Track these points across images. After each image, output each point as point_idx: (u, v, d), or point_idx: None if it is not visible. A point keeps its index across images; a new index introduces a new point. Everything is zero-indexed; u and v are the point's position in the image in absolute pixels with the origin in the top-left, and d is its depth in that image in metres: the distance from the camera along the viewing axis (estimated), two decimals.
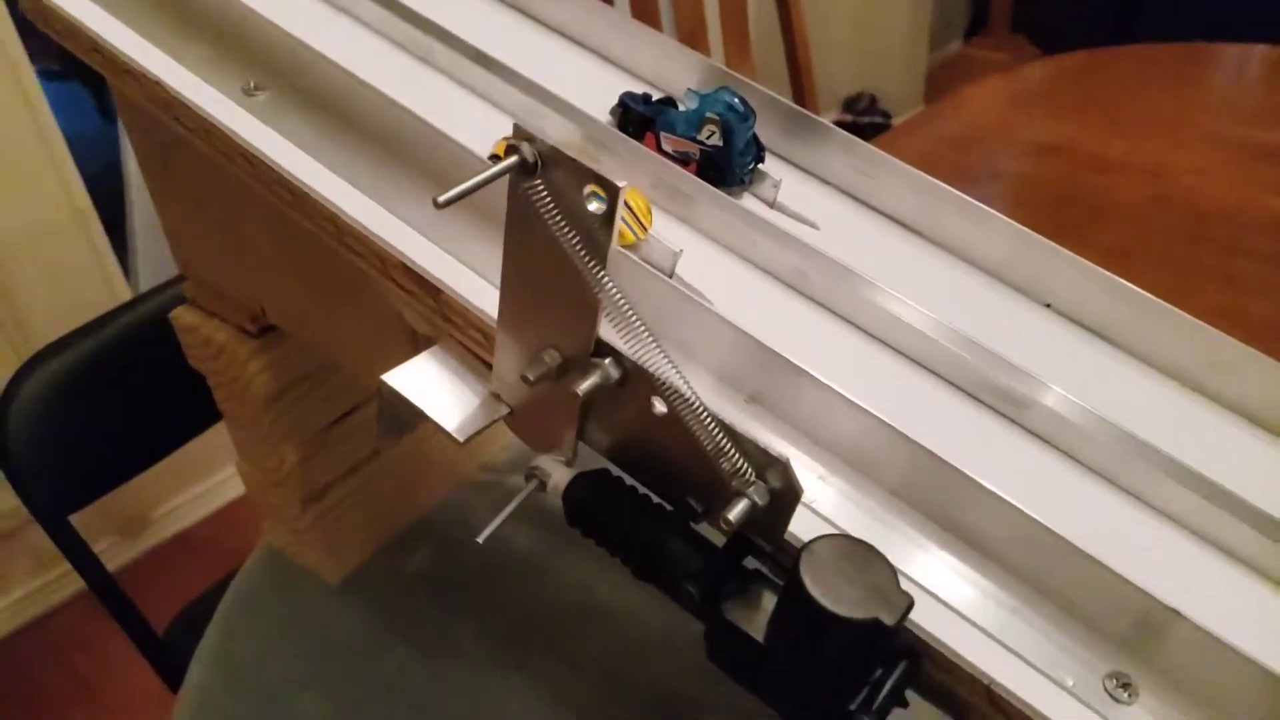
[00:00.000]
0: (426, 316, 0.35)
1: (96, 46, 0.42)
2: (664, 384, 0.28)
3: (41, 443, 0.83)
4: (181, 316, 0.53)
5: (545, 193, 0.27)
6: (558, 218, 0.27)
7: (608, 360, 0.29)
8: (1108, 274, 0.37)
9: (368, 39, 0.45)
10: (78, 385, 0.84)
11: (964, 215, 0.39)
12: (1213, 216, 0.91)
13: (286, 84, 0.40)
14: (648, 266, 0.35)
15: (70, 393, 0.84)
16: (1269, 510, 0.30)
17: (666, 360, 0.27)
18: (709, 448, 0.27)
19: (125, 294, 1.56)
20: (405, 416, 0.34)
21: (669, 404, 0.28)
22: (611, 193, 0.25)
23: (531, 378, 0.30)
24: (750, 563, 0.30)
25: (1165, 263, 0.88)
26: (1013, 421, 0.33)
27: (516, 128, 0.26)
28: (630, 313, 0.27)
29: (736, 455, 0.27)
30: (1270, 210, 0.92)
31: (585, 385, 0.28)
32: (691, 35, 1.35)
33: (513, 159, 0.26)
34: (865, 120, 2.73)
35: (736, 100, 0.40)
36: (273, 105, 0.39)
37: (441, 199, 0.25)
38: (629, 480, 0.31)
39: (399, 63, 0.44)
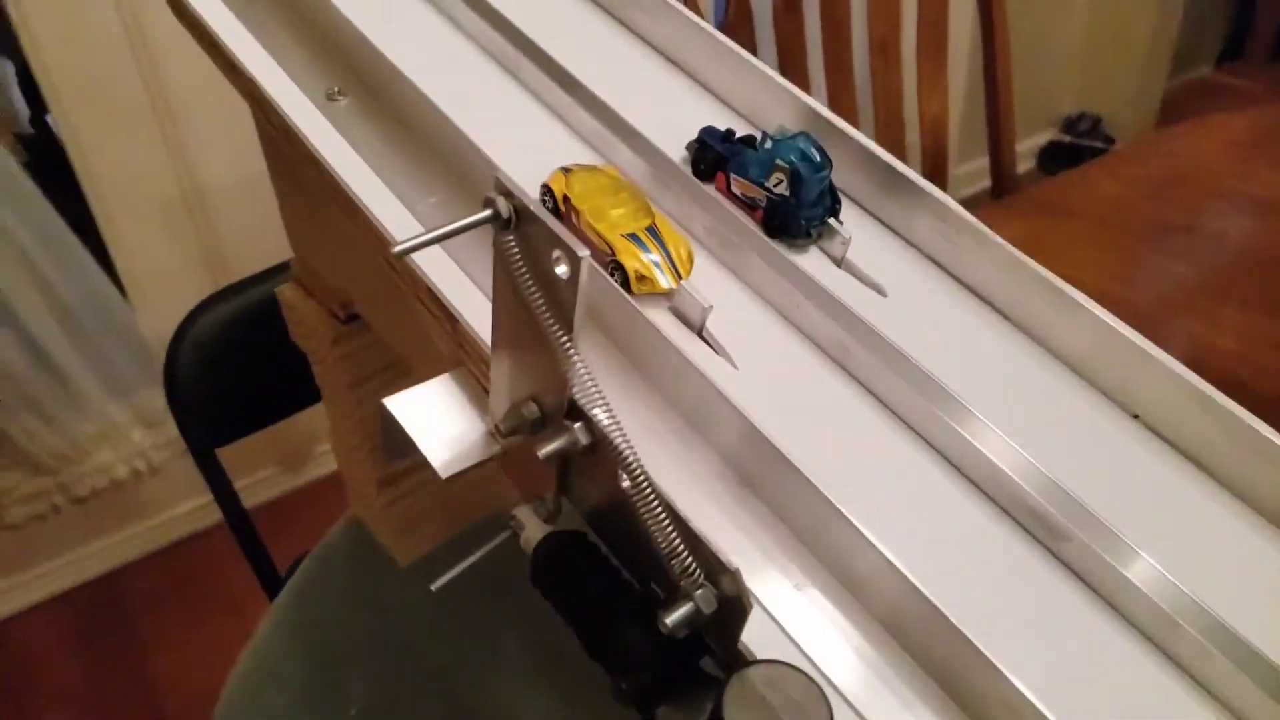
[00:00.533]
0: (447, 343, 0.35)
1: (213, 41, 0.43)
2: (626, 461, 0.26)
3: (202, 379, 0.89)
4: (284, 292, 0.55)
5: (517, 250, 0.25)
6: (527, 277, 0.25)
7: (578, 425, 0.27)
8: (1206, 388, 0.32)
9: (464, 47, 0.45)
10: (239, 332, 0.90)
11: (1050, 300, 0.35)
12: None
13: (367, 93, 0.40)
14: (673, 317, 0.33)
15: (230, 339, 0.90)
16: None
17: (625, 440, 0.25)
18: (660, 541, 0.25)
19: None
20: (402, 440, 0.34)
21: (632, 481, 0.26)
22: (573, 261, 0.24)
23: (503, 429, 0.28)
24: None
25: None
26: (1049, 551, 0.29)
27: (497, 180, 0.25)
28: (592, 384, 0.25)
29: (686, 554, 0.25)
30: None
31: (549, 448, 0.27)
32: (883, 43, 1.29)
33: (487, 212, 0.25)
34: (1084, 143, 2.54)
35: (813, 149, 0.37)
36: (350, 113, 0.40)
37: (397, 248, 0.24)
38: (604, 549, 0.30)
39: (487, 75, 0.44)
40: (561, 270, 0.24)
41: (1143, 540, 0.28)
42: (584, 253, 0.23)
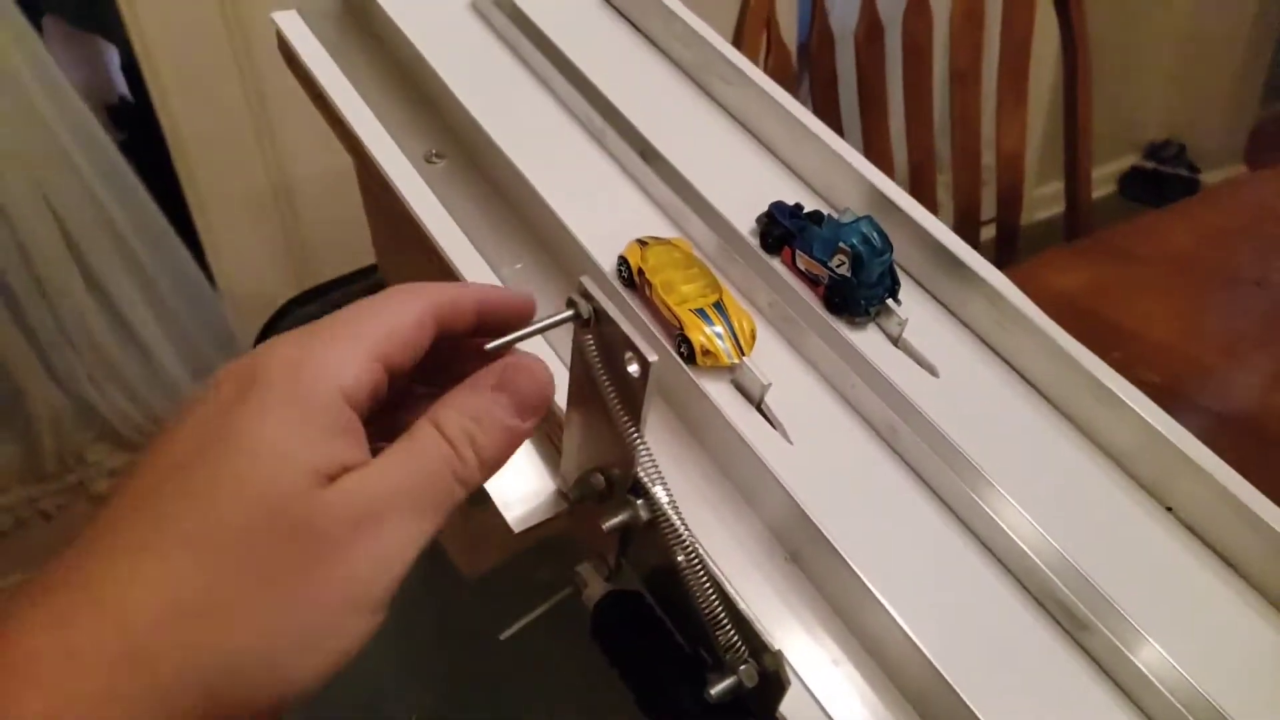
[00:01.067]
0: None
1: (320, 94, 0.47)
2: (682, 541, 0.29)
3: None
4: None
5: (594, 346, 0.28)
6: (601, 370, 0.28)
7: (640, 501, 0.30)
8: (1240, 490, 0.33)
9: (554, 112, 0.48)
10: None
11: (1095, 393, 0.36)
12: None
13: (464, 157, 0.44)
14: (734, 391, 0.36)
15: None
16: None
17: (682, 521, 0.28)
18: (708, 616, 0.28)
19: None
20: (481, 493, 0.37)
21: (686, 559, 0.29)
22: (643, 363, 0.26)
23: (572, 497, 0.31)
24: None
25: None
26: (1072, 639, 0.31)
27: (580, 284, 0.28)
28: (653, 466, 0.28)
29: (733, 631, 0.28)
30: None
31: (612, 522, 0.30)
32: (963, 74, 1.29)
33: (569, 312, 0.28)
34: (1167, 170, 2.49)
35: (875, 234, 0.39)
36: (448, 175, 0.43)
37: (489, 345, 0.27)
38: (659, 612, 0.33)
39: (575, 141, 0.46)
40: (633, 369, 0.27)
41: (1161, 633, 0.30)
42: (653, 357, 0.26)
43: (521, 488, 0.35)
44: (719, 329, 0.37)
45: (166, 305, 1.63)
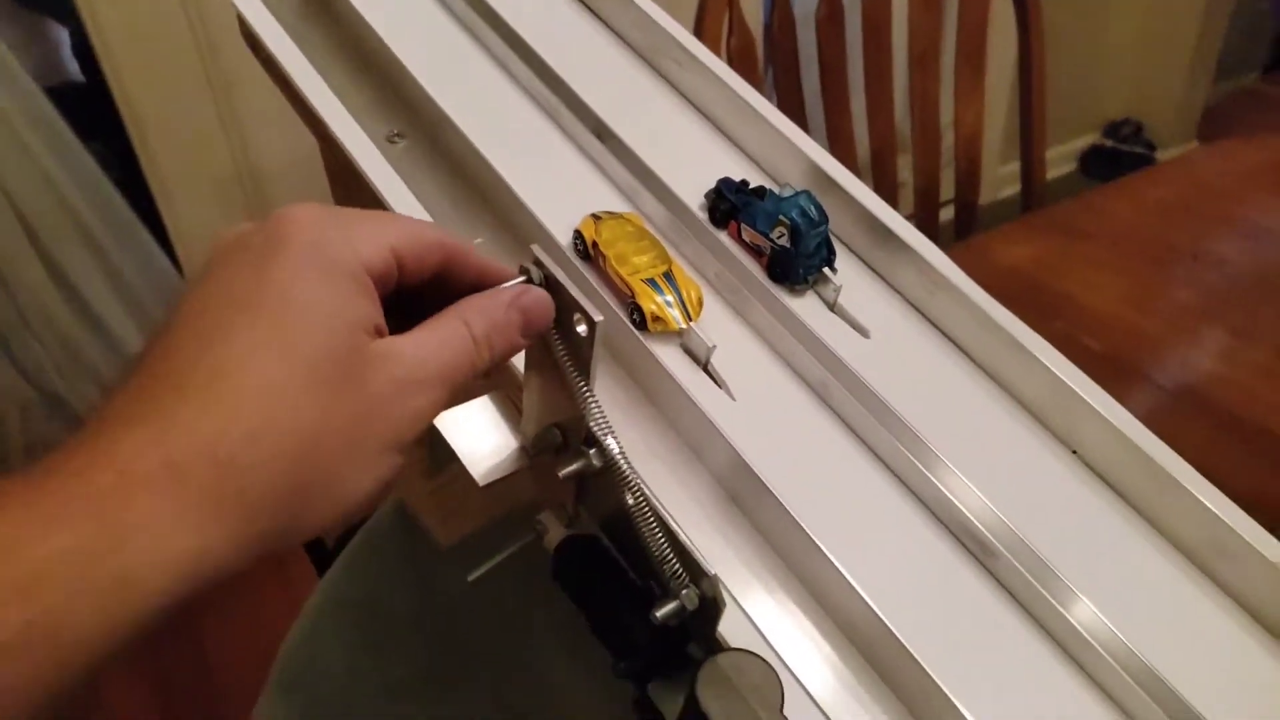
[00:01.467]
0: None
1: (283, 76, 0.49)
2: (630, 484, 0.32)
3: None
4: None
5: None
6: (554, 333, 0.31)
7: (593, 451, 0.33)
8: (1136, 435, 0.37)
9: (511, 93, 0.50)
10: None
11: (1010, 349, 0.40)
12: None
13: (425, 137, 0.46)
14: (683, 354, 0.39)
15: None
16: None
17: (630, 467, 0.31)
18: (654, 549, 0.31)
19: None
20: (445, 450, 0.39)
21: (634, 499, 0.32)
22: (590, 324, 0.29)
23: (532, 450, 0.34)
24: None
25: None
26: (983, 567, 0.35)
27: (532, 252, 0.31)
28: (604, 419, 0.31)
29: (675, 560, 0.31)
30: None
31: (568, 470, 0.33)
32: (922, 53, 1.32)
33: (523, 278, 0.31)
34: (1125, 149, 2.54)
35: (812, 207, 0.42)
36: (409, 155, 0.46)
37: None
38: (613, 552, 0.36)
39: (531, 120, 0.49)
40: (581, 329, 0.30)
41: (1061, 561, 0.33)
42: (599, 317, 0.29)
43: (486, 446, 0.38)
44: (669, 297, 0.40)
45: (133, 293, 1.63)
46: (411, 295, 0.30)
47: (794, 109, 1.18)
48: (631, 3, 0.53)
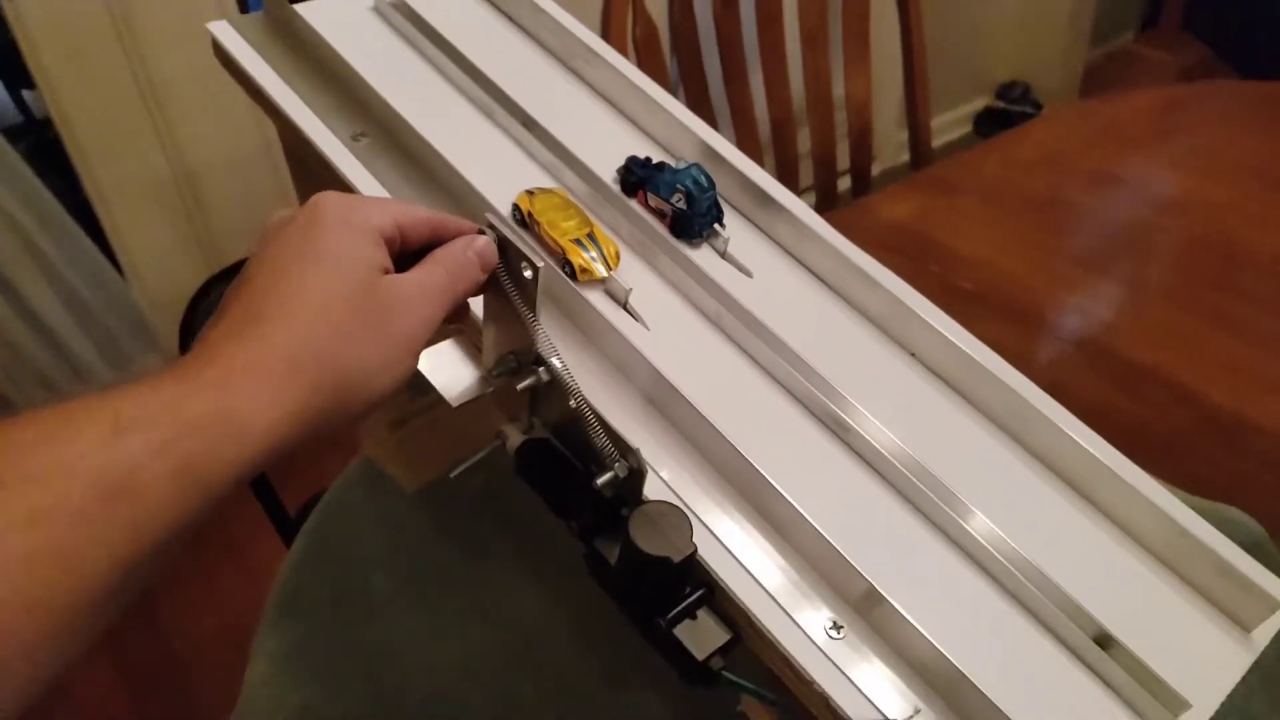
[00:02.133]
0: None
1: (255, 88, 0.58)
2: (571, 390, 0.42)
3: None
4: None
5: (500, 262, 0.41)
6: (506, 278, 0.41)
7: (541, 369, 0.43)
8: (957, 337, 0.48)
9: (450, 95, 0.60)
10: None
11: (858, 278, 0.51)
12: (1245, 264, 0.96)
13: (383, 135, 0.56)
14: (607, 297, 0.50)
15: None
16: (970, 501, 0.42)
17: (569, 377, 0.42)
18: (594, 439, 0.41)
19: None
20: (423, 383, 0.49)
21: (575, 402, 0.42)
22: (534, 268, 0.40)
23: (493, 373, 0.45)
24: None
25: (1187, 304, 0.94)
26: (842, 441, 0.46)
27: (487, 218, 0.41)
28: (549, 343, 0.42)
29: (608, 442, 0.41)
30: None
31: (523, 384, 0.43)
32: (812, 33, 1.44)
33: (491, 234, 0.41)
34: (1015, 109, 2.71)
35: (702, 176, 0.53)
36: (371, 150, 0.55)
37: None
38: (562, 449, 0.46)
39: (469, 117, 0.59)
40: (528, 274, 0.40)
41: (897, 427, 0.45)
42: (542, 263, 0.39)
43: (455, 376, 0.48)
44: (593, 253, 0.50)
45: (76, 296, 1.67)
46: (411, 258, 0.40)
47: (698, 90, 1.29)
48: (545, 13, 0.63)
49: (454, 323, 0.48)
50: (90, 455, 0.29)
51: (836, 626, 0.40)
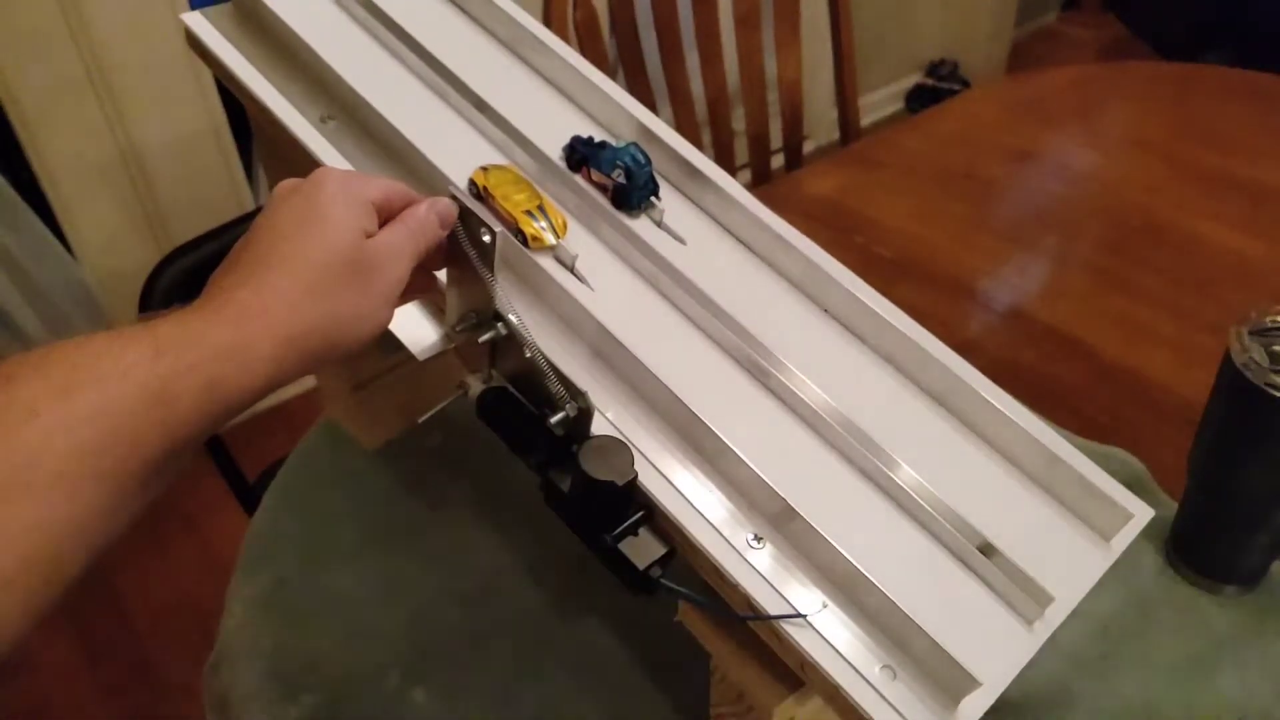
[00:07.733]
0: None
1: (230, 76, 0.63)
2: (526, 340, 0.48)
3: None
4: None
5: (461, 227, 0.47)
6: (467, 243, 0.47)
7: (499, 324, 0.49)
8: (863, 294, 0.56)
9: (408, 80, 0.65)
10: (203, 282, 1.09)
11: (777, 244, 0.58)
12: (1144, 233, 1.06)
13: (348, 116, 0.61)
14: (556, 262, 0.56)
15: (198, 288, 1.08)
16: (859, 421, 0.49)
17: (524, 329, 0.48)
18: (548, 386, 0.48)
19: (248, 199, 1.83)
20: (393, 341, 0.55)
21: (531, 351, 0.49)
22: (491, 234, 0.46)
23: (457, 329, 0.51)
24: None
25: (1090, 269, 1.03)
26: (763, 385, 0.53)
27: (449, 191, 0.47)
28: (506, 301, 0.48)
29: (559, 387, 0.48)
30: (1193, 233, 1.06)
31: (484, 338, 0.49)
32: (744, 19, 1.50)
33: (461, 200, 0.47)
34: (944, 86, 2.81)
35: (640, 154, 0.59)
36: (339, 131, 0.61)
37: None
38: (519, 396, 0.52)
39: (426, 100, 0.64)
40: (486, 239, 0.46)
41: (809, 371, 0.52)
42: (498, 229, 0.45)
43: (421, 334, 0.54)
44: (543, 223, 0.56)
45: (25, 274, 1.68)
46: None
47: (636, 71, 1.35)
48: (493, 4, 0.69)
49: (425, 291, 0.54)
50: (136, 368, 0.36)
51: (757, 539, 0.47)
